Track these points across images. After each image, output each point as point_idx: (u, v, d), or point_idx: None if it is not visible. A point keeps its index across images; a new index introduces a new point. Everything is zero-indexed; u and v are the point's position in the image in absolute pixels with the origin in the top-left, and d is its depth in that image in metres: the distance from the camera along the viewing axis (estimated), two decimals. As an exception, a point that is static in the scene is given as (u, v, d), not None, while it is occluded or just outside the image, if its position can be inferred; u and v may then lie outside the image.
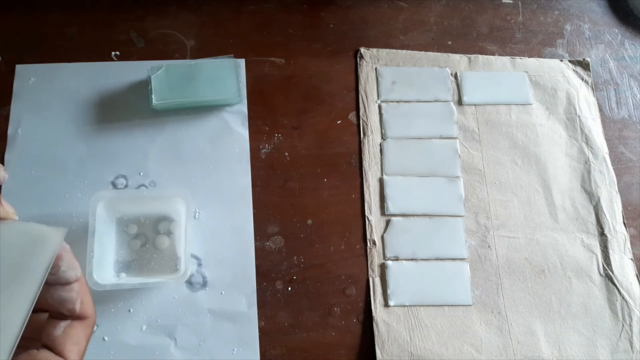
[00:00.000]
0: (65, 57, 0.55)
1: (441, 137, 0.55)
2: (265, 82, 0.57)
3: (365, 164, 0.54)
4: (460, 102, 0.57)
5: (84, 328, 0.26)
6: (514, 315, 0.49)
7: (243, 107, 0.55)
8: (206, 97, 0.53)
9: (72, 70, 0.55)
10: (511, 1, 0.63)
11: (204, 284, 0.48)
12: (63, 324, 0.25)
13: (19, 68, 0.55)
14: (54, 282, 0.26)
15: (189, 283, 0.48)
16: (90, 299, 0.27)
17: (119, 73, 0.55)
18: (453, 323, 0.48)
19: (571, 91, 0.58)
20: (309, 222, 0.52)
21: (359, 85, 0.57)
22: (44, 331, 0.25)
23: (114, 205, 0.47)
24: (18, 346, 0.23)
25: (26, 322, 0.23)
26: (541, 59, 0.60)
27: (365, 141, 0.55)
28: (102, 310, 0.47)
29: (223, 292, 0.48)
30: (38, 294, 0.24)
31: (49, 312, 0.26)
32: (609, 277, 0.51)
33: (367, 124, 0.55)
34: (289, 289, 0.49)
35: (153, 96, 0.52)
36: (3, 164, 0.51)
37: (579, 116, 0.57)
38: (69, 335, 0.25)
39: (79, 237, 0.46)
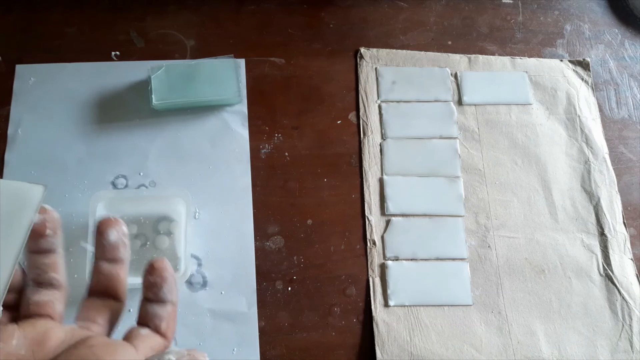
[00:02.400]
0: (65, 57, 0.55)
1: (441, 137, 0.55)
2: (265, 82, 0.57)
3: (365, 164, 0.54)
4: (460, 102, 0.57)
5: (160, 344, 0.27)
6: (514, 315, 0.49)
7: (243, 107, 0.55)
8: (206, 97, 0.53)
9: (72, 70, 0.55)
10: (511, 1, 0.63)
11: (204, 284, 0.48)
12: (149, 331, 0.27)
13: (19, 68, 0.55)
14: (152, 299, 0.28)
15: (189, 283, 0.48)
16: (174, 328, 0.29)
17: (119, 73, 0.55)
18: (453, 323, 0.48)
19: (571, 91, 0.58)
20: (309, 222, 0.52)
21: (359, 85, 0.57)
22: (130, 329, 0.27)
23: (114, 205, 0.47)
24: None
25: (12, 276, 0.25)
26: (541, 59, 0.60)
27: (365, 141, 0.55)
28: (102, 310, 0.47)
29: (223, 292, 0.48)
30: (22, 250, 0.25)
31: (138, 322, 0.28)
32: (609, 277, 0.51)
33: (367, 124, 0.55)
34: (289, 289, 0.49)
35: (153, 96, 0.52)
36: (3, 164, 0.51)
37: (579, 116, 0.57)
38: (149, 339, 0.27)
39: (79, 237, 0.46)
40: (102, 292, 0.27)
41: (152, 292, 0.28)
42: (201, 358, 0.23)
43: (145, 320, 0.28)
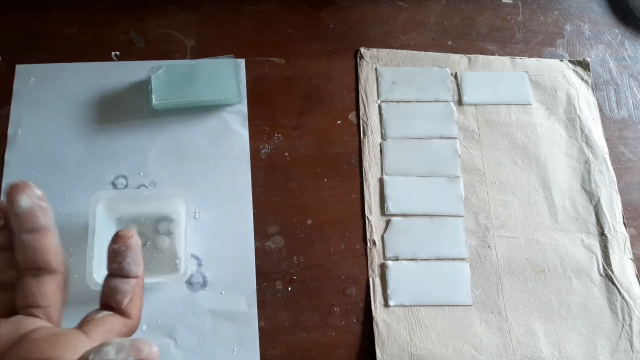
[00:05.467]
0: (65, 57, 0.55)
1: (441, 137, 0.55)
2: (265, 82, 0.57)
3: (365, 164, 0.54)
4: (460, 102, 0.57)
5: (122, 324, 0.25)
6: (514, 315, 0.49)
7: (243, 107, 0.55)
8: (206, 97, 0.53)
9: (72, 70, 0.55)
10: (511, 1, 0.63)
11: (204, 284, 0.48)
12: (106, 312, 0.25)
13: (19, 68, 0.55)
14: (116, 272, 0.26)
15: (189, 283, 0.48)
16: (140, 304, 0.27)
17: (119, 73, 0.55)
18: (453, 323, 0.48)
19: (571, 91, 0.58)
20: (309, 222, 0.52)
21: (359, 85, 0.57)
22: (86, 316, 0.25)
23: (114, 205, 0.47)
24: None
25: None
26: (541, 59, 0.60)
27: (365, 141, 0.55)
28: (102, 310, 0.47)
29: (223, 292, 0.48)
30: None
31: (100, 305, 0.26)
32: (609, 277, 0.51)
33: (367, 124, 0.55)
34: (289, 289, 0.49)
35: (153, 96, 0.52)
36: (3, 164, 0.51)
37: (579, 116, 0.57)
38: (106, 321, 0.25)
39: (79, 237, 0.46)
40: (33, 268, 0.24)
41: (116, 262, 0.26)
42: (147, 348, 0.20)
43: (107, 298, 0.26)
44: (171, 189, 0.51)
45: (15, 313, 0.24)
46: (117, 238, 0.26)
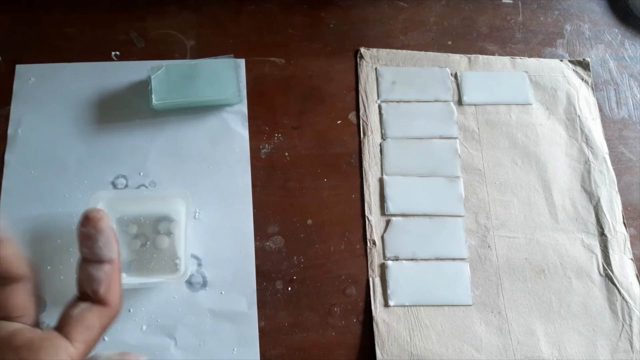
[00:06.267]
0: (65, 57, 0.55)
1: (441, 137, 0.55)
2: (265, 82, 0.57)
3: (365, 164, 0.54)
4: (460, 102, 0.57)
5: (102, 315, 0.24)
6: (514, 315, 0.49)
7: (243, 107, 0.55)
8: (206, 97, 0.53)
9: (72, 70, 0.55)
10: (511, 1, 0.63)
11: (204, 284, 0.48)
12: (83, 306, 0.24)
13: (19, 68, 0.55)
14: (88, 256, 0.25)
15: (189, 283, 0.48)
16: (118, 288, 0.25)
17: (119, 73, 0.55)
18: (453, 323, 0.48)
19: (571, 91, 0.58)
20: (309, 222, 0.52)
21: (359, 85, 0.57)
22: (63, 311, 0.24)
23: (114, 205, 0.47)
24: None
25: None
26: (541, 59, 0.60)
27: (365, 141, 0.55)
28: (102, 310, 0.47)
29: (223, 292, 0.48)
30: None
31: (78, 292, 0.25)
32: (609, 277, 0.51)
33: (367, 124, 0.55)
34: (289, 289, 0.49)
35: (153, 96, 0.52)
36: (3, 164, 0.51)
37: (579, 116, 0.57)
38: (83, 318, 0.24)
39: (79, 237, 0.46)
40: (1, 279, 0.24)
41: (87, 247, 0.25)
42: None
43: (82, 285, 0.25)
44: (171, 189, 0.51)
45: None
46: (85, 220, 0.25)
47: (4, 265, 0.23)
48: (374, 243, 0.51)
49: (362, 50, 0.59)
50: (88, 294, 0.25)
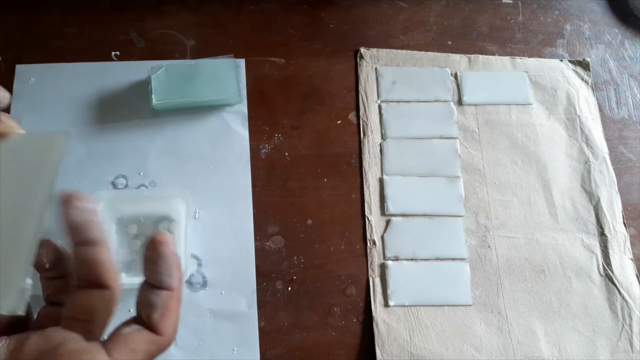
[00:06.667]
0: (65, 57, 0.55)
1: (441, 137, 0.55)
2: (265, 82, 0.57)
3: (365, 164, 0.54)
4: (460, 102, 0.57)
5: (150, 341, 0.24)
6: (514, 315, 0.49)
7: (243, 107, 0.55)
8: (206, 97, 0.53)
9: (72, 70, 0.55)
10: (511, 1, 0.63)
11: (204, 284, 0.48)
12: (135, 327, 0.24)
13: (19, 68, 0.55)
14: (148, 279, 0.24)
15: (189, 283, 0.48)
16: (174, 319, 0.25)
17: (119, 73, 0.55)
18: (453, 323, 0.48)
19: (571, 91, 0.58)
20: (309, 222, 0.52)
21: (359, 85, 0.57)
22: (117, 326, 0.24)
23: (114, 205, 0.47)
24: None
25: (43, 218, 0.24)
26: (541, 59, 0.60)
27: (365, 141, 0.55)
28: (102, 310, 0.47)
29: (223, 292, 0.48)
30: (51, 195, 0.24)
31: (136, 313, 0.25)
32: (609, 277, 0.51)
33: (367, 124, 0.55)
34: (289, 289, 0.49)
35: (153, 96, 0.52)
36: (3, 164, 0.51)
37: (579, 116, 0.57)
38: (131, 339, 0.23)
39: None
40: (85, 281, 0.23)
41: (149, 271, 0.24)
42: None
43: (139, 307, 0.24)
44: (171, 189, 0.51)
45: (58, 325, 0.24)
46: (150, 243, 0.24)
47: (94, 268, 0.23)
48: (374, 243, 0.51)
49: (362, 50, 0.59)
50: (142, 317, 0.24)
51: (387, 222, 0.52)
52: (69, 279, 0.26)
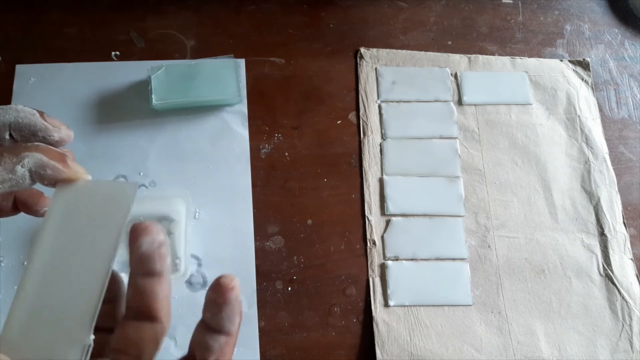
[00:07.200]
0: (65, 57, 0.55)
1: (441, 137, 0.55)
2: (265, 82, 0.57)
3: (365, 164, 0.54)
4: (460, 102, 0.57)
5: None
6: (514, 315, 0.49)
7: (243, 107, 0.55)
8: (206, 97, 0.53)
9: (72, 70, 0.55)
10: (511, 1, 0.63)
11: (204, 284, 0.48)
12: None
13: (19, 68, 0.55)
14: (208, 321, 0.24)
15: (189, 283, 0.48)
16: None
17: (119, 73, 0.55)
18: (453, 323, 0.48)
19: (571, 91, 0.58)
20: (309, 222, 0.52)
21: (359, 85, 0.57)
22: None
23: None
24: None
25: (110, 273, 0.23)
26: (541, 59, 0.60)
27: (365, 141, 0.55)
28: (102, 310, 0.47)
29: (223, 292, 0.48)
30: (118, 246, 0.23)
31: (189, 352, 0.24)
32: (609, 277, 0.51)
33: (367, 124, 0.55)
34: (289, 289, 0.49)
35: (153, 96, 0.52)
36: (3, 164, 0.51)
37: (579, 116, 0.57)
38: None
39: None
40: (137, 312, 0.23)
41: (210, 313, 0.24)
42: None
43: (193, 348, 0.24)
44: (171, 189, 0.51)
45: (103, 355, 0.23)
46: (216, 286, 0.24)
47: (151, 301, 0.23)
48: (374, 243, 0.51)
49: (362, 50, 0.59)
50: (195, 356, 0.24)
51: (387, 222, 0.52)
52: (116, 306, 0.25)
